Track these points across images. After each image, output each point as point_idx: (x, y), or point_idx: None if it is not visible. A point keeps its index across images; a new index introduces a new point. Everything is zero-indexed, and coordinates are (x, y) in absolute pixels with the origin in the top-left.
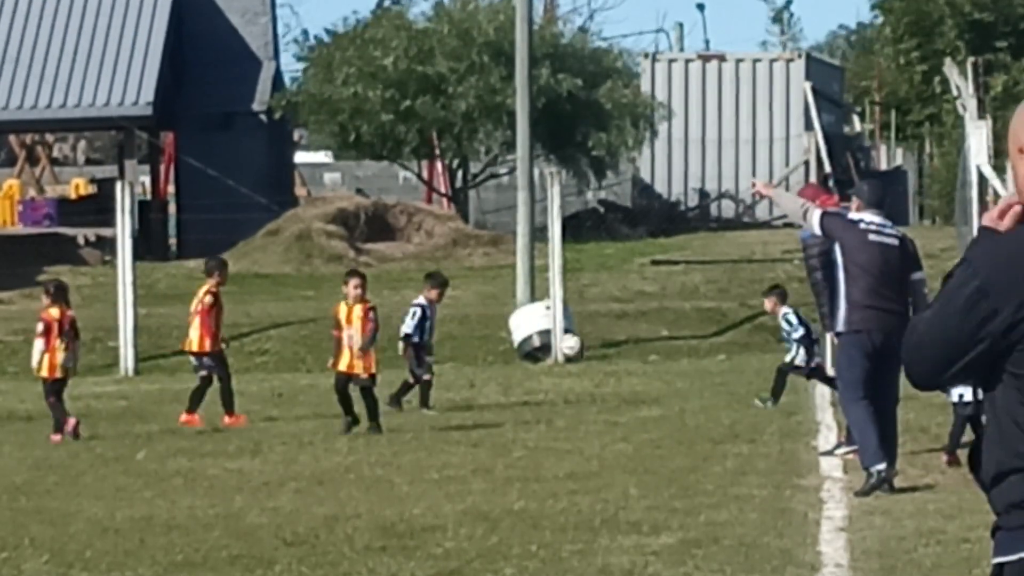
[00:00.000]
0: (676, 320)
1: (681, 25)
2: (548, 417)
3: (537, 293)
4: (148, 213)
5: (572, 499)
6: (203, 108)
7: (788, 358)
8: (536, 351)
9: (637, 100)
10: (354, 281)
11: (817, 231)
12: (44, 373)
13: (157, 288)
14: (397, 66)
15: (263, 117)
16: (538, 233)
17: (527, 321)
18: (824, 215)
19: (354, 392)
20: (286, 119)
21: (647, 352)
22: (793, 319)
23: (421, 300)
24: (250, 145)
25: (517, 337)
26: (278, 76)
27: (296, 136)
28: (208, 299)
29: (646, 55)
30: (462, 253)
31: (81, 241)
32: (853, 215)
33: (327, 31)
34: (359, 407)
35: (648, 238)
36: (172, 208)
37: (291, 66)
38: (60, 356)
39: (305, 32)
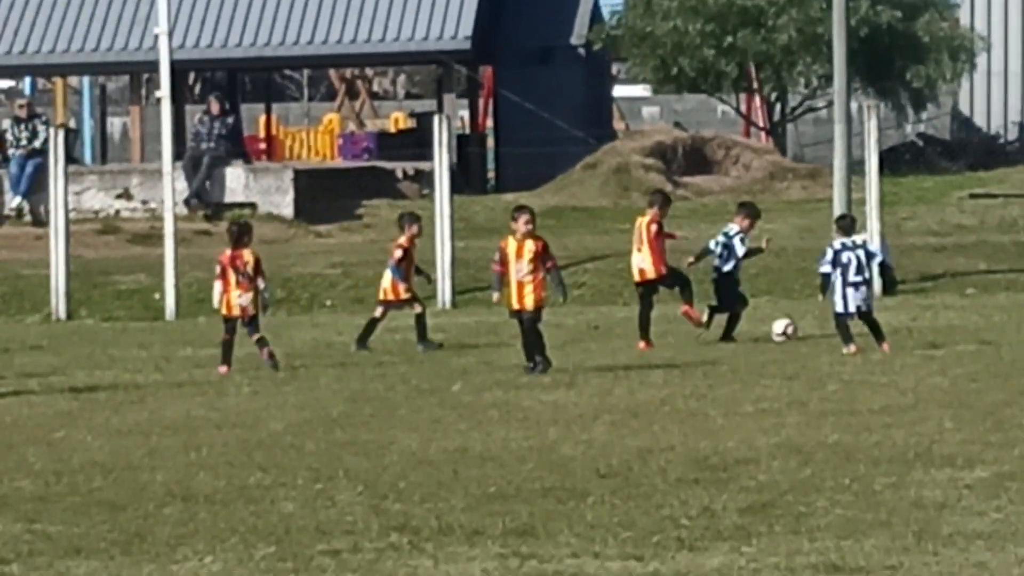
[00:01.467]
0: (994, 254)
1: None
2: (864, 350)
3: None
4: (467, 147)
5: (886, 432)
6: (521, 42)
7: None
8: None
9: (955, 33)
10: (524, 217)
11: None
12: (223, 312)
13: (475, 221)
14: None
15: (581, 51)
16: (856, 167)
17: None
18: None
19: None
20: (604, 53)
21: (964, 286)
22: None
23: (733, 227)
24: (568, 79)
25: None
26: (596, 10)
27: (614, 70)
28: (654, 228)
29: None
30: (779, 187)
31: (400, 175)
32: None
33: None
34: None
35: (967, 171)
36: (490, 142)
37: (608, 0)
38: (235, 296)
39: None
